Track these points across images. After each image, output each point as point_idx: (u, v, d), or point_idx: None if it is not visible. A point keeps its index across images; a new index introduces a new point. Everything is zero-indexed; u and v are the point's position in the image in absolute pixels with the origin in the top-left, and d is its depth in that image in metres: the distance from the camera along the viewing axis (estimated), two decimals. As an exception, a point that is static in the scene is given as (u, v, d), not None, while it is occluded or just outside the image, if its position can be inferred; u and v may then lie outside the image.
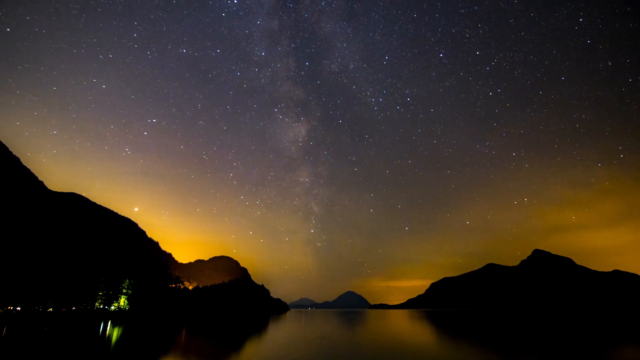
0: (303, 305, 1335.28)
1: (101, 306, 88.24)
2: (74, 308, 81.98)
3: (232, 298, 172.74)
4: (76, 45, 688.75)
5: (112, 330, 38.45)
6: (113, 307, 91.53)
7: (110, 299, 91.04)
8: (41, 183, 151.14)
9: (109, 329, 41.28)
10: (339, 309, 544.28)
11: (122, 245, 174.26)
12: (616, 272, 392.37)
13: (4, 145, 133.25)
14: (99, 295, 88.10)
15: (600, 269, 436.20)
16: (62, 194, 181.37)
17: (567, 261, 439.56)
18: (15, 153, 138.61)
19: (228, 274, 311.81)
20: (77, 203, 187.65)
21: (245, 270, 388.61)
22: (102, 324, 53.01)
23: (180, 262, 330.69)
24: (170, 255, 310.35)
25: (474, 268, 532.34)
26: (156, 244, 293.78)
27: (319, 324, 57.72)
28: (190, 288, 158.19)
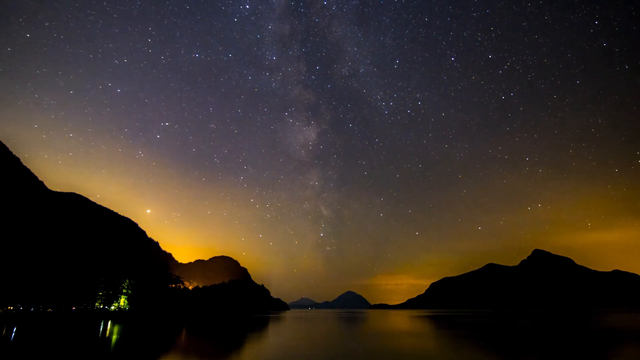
0: (303, 305, 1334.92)
1: (101, 306, 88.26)
2: (74, 308, 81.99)
3: (232, 298, 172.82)
4: (93, 50, 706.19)
5: (112, 330, 38.47)
6: (113, 307, 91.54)
7: (110, 299, 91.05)
8: (41, 183, 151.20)
9: (109, 329, 41.30)
10: (339, 309, 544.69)
11: (122, 245, 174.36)
12: (616, 272, 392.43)
13: (4, 146, 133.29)
14: (99, 295, 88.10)
15: (600, 269, 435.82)
16: (62, 194, 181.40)
17: (567, 261, 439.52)
18: (17, 153, 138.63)
19: (228, 274, 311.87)
20: (77, 203, 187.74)
21: (245, 270, 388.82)
22: (102, 324, 53.04)
23: (180, 262, 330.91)
24: (170, 255, 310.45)
25: (474, 268, 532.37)
26: (156, 244, 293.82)
27: (314, 327, 57.81)
28: (190, 288, 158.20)
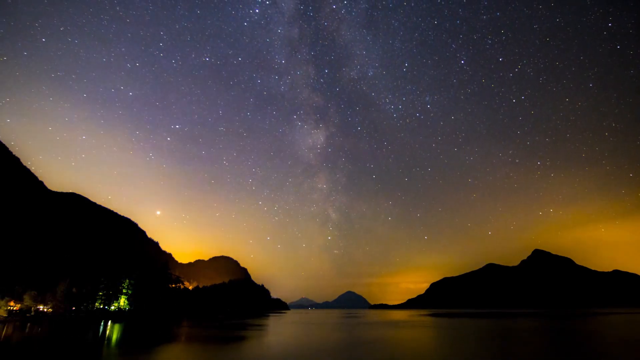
0: (303, 305, 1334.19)
1: (101, 306, 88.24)
2: (74, 308, 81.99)
3: (232, 298, 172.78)
4: (106, 54, 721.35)
5: (112, 330, 38.49)
6: (113, 307, 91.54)
7: (110, 299, 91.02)
8: (41, 183, 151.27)
9: (109, 328, 41.31)
10: (339, 309, 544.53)
11: (122, 245, 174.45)
12: (616, 272, 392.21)
13: (4, 146, 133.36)
14: (99, 295, 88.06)
15: (600, 269, 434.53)
16: (63, 194, 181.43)
17: (567, 261, 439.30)
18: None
19: (228, 274, 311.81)
20: (77, 203, 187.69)
21: (245, 270, 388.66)
22: (102, 323, 53.05)
23: (180, 262, 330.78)
24: (170, 255, 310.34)
25: (474, 268, 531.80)
26: (156, 244, 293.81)
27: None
28: (190, 288, 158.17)
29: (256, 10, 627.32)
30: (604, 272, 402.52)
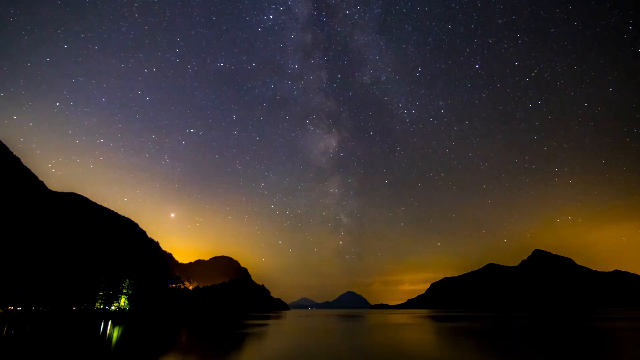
0: (303, 305, 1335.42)
1: (101, 306, 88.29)
2: (74, 308, 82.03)
3: (232, 298, 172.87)
4: (124, 60, 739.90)
5: (112, 330, 38.51)
6: (113, 307, 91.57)
7: (111, 299, 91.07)
8: (41, 183, 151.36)
9: (109, 329, 41.33)
10: (339, 309, 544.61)
11: (122, 245, 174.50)
12: (616, 272, 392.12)
13: (5, 146, 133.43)
14: (99, 295, 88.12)
15: (600, 269, 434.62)
16: (62, 194, 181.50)
17: (567, 261, 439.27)
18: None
19: (228, 274, 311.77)
20: (77, 203, 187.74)
21: (245, 270, 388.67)
22: (103, 324, 53.08)
23: (180, 262, 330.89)
24: (170, 255, 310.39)
25: (474, 268, 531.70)
26: (156, 244, 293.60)
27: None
28: (191, 288, 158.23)
29: (270, 17, 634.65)
30: (604, 272, 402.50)
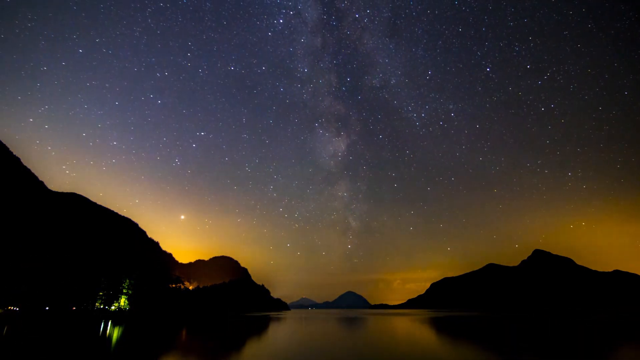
0: (303, 305, 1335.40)
1: (101, 306, 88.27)
2: (74, 308, 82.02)
3: (232, 298, 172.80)
4: (137, 64, 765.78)
5: (112, 330, 38.49)
6: (113, 307, 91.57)
7: (111, 299, 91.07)
8: (41, 183, 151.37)
9: (109, 328, 41.32)
10: (339, 309, 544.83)
11: (122, 245, 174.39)
12: (616, 272, 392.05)
13: (5, 146, 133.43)
14: (99, 295, 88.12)
15: (600, 269, 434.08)
16: (62, 194, 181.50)
17: (567, 261, 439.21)
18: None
19: (228, 274, 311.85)
20: (77, 203, 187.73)
21: (245, 270, 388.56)
22: (103, 323, 53.07)
23: (180, 262, 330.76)
24: (170, 255, 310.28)
25: (474, 268, 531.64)
26: (156, 244, 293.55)
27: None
28: (191, 288, 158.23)
29: (280, 21, 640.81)
30: (605, 272, 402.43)
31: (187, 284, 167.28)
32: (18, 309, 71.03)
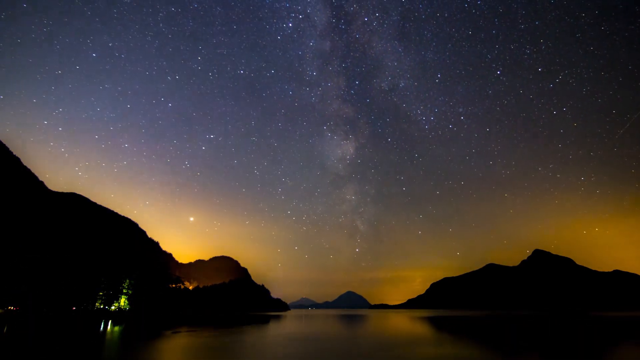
0: (303, 305, 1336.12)
1: (101, 306, 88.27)
2: (74, 308, 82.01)
3: (232, 298, 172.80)
4: (149, 67, 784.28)
5: (112, 331, 38.49)
6: (113, 307, 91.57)
7: (111, 299, 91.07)
8: (41, 183, 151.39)
9: (109, 329, 41.31)
10: (339, 309, 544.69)
11: (122, 245, 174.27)
12: (616, 272, 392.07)
13: (4, 146, 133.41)
14: (99, 295, 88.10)
15: (600, 269, 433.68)
16: (62, 194, 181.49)
17: (567, 261, 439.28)
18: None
19: (228, 274, 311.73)
20: (77, 203, 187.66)
21: (245, 270, 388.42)
22: (103, 324, 53.09)
23: (180, 262, 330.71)
24: (170, 255, 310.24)
25: (474, 268, 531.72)
26: (156, 244, 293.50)
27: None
28: (191, 288, 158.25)
29: (289, 25, 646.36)
30: (604, 272, 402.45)
31: (187, 284, 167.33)
32: (18, 309, 71.03)
